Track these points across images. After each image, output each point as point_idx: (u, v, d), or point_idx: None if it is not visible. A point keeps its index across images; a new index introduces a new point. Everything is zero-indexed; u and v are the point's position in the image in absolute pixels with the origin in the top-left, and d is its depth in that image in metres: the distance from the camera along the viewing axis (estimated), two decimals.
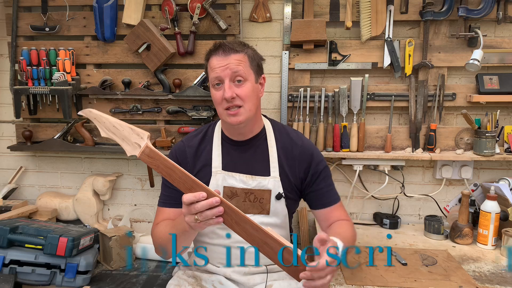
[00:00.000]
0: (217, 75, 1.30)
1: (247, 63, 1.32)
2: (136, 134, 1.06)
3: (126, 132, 1.06)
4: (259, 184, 1.38)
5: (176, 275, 1.47)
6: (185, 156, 1.43)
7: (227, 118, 1.32)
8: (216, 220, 1.06)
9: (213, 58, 1.32)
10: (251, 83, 1.33)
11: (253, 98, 1.33)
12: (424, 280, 1.40)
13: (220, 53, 1.30)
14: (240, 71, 1.29)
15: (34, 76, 1.98)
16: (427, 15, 1.86)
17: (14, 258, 1.66)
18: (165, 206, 1.42)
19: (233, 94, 1.28)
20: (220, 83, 1.31)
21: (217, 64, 1.30)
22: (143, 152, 1.05)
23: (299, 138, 1.47)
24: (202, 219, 1.05)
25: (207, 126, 1.50)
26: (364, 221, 2.07)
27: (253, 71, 1.34)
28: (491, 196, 1.72)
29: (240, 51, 1.32)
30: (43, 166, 2.26)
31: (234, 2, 1.97)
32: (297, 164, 1.42)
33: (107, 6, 1.96)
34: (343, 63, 1.96)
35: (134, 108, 2.05)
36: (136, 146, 1.06)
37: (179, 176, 1.05)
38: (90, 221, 2.14)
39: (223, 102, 1.30)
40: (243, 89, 1.30)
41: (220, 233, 1.40)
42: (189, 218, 1.08)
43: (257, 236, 1.07)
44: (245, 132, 1.40)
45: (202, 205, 1.04)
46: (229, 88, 1.28)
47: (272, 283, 1.39)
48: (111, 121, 1.05)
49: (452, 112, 2.02)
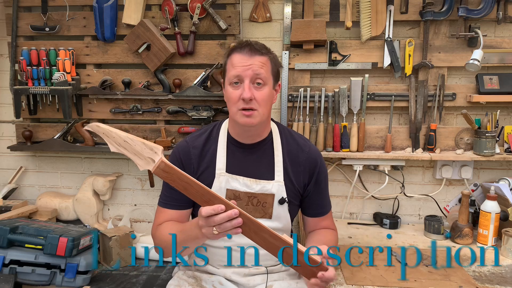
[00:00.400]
0: (237, 74, 1.27)
1: (269, 67, 1.31)
2: (150, 148, 1.04)
3: (138, 147, 1.04)
4: (263, 188, 1.37)
5: (176, 275, 1.47)
6: (189, 157, 1.40)
7: (241, 118, 1.29)
8: (235, 231, 1.06)
9: (236, 55, 1.29)
10: (269, 88, 1.31)
11: (268, 103, 1.32)
12: (424, 280, 1.40)
13: (246, 52, 1.28)
14: (261, 74, 1.27)
15: (34, 76, 1.98)
16: (427, 15, 1.86)
17: (14, 258, 1.65)
18: (167, 207, 1.40)
19: (252, 95, 1.26)
20: (238, 82, 1.28)
21: (240, 62, 1.27)
22: (158, 167, 1.04)
23: (306, 144, 1.46)
24: (221, 231, 1.05)
25: (211, 126, 1.47)
26: (364, 221, 2.07)
27: (272, 77, 1.33)
28: (491, 196, 1.72)
29: (264, 54, 1.30)
30: (43, 166, 2.26)
31: (234, 2, 1.97)
32: (302, 170, 1.42)
33: (107, 6, 1.96)
34: (343, 63, 1.96)
35: (134, 108, 2.05)
36: (149, 161, 1.04)
37: (196, 190, 1.05)
38: (90, 221, 2.14)
39: (240, 102, 1.27)
40: (261, 93, 1.28)
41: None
42: (207, 230, 1.07)
43: (275, 244, 1.08)
44: (253, 136, 1.39)
45: (221, 217, 1.03)
46: (249, 89, 1.26)
47: (272, 284, 1.39)
48: (122, 136, 1.03)
49: (452, 112, 2.02)
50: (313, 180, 1.44)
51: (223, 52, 1.99)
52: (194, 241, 1.21)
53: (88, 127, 1.05)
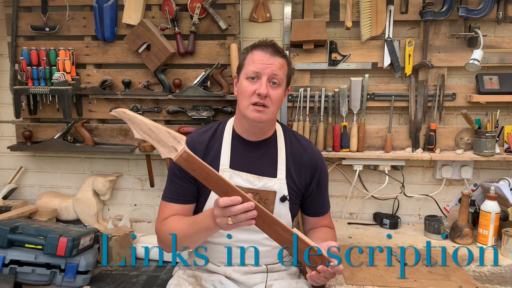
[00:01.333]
0: (257, 69, 1.32)
1: (285, 70, 1.37)
2: (173, 138, 1.06)
3: (162, 136, 1.05)
4: (265, 185, 1.39)
5: (176, 275, 1.47)
6: (194, 151, 1.39)
7: (251, 113, 1.32)
8: (249, 223, 1.10)
9: (258, 52, 1.34)
10: (282, 89, 1.37)
11: (279, 104, 1.38)
12: (424, 280, 1.40)
13: (269, 50, 1.33)
14: (278, 76, 1.33)
15: (34, 76, 1.98)
16: (427, 15, 1.86)
17: (14, 258, 1.65)
18: (171, 202, 1.41)
19: (267, 92, 1.31)
20: (255, 78, 1.33)
21: (261, 59, 1.32)
22: (180, 156, 1.06)
23: (309, 146, 1.50)
24: (236, 222, 1.09)
25: (217, 123, 1.51)
26: (364, 221, 2.07)
27: (286, 80, 1.39)
28: (491, 196, 1.72)
29: (284, 57, 1.37)
30: (43, 166, 2.26)
31: (234, 2, 1.97)
32: (304, 170, 1.45)
33: (107, 6, 1.96)
34: (343, 63, 1.96)
35: (134, 108, 2.05)
36: (172, 150, 1.06)
37: (215, 180, 1.08)
38: (90, 221, 2.13)
39: (254, 96, 1.31)
40: (275, 92, 1.33)
41: (221, 231, 1.40)
42: (222, 220, 1.11)
43: (287, 237, 1.12)
44: (259, 133, 1.42)
45: (237, 208, 1.07)
46: (266, 86, 1.31)
47: (272, 283, 1.40)
48: (147, 123, 1.05)
49: (452, 112, 2.02)
50: (315, 181, 1.47)
51: (223, 52, 1.99)
52: (205, 232, 1.24)
53: (115, 112, 1.05)
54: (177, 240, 1.31)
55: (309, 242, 1.13)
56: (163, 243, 1.39)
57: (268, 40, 1.38)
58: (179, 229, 1.30)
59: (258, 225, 1.11)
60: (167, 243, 1.35)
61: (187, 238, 1.29)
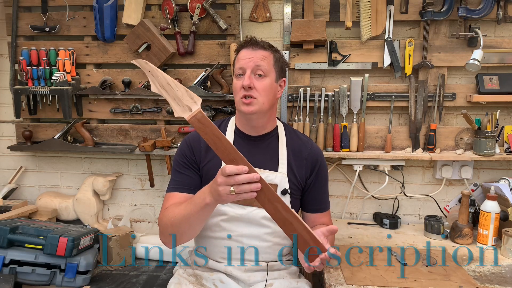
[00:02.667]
0: (241, 66, 1.37)
1: (271, 61, 1.39)
2: (190, 97, 1.06)
3: (179, 93, 1.06)
4: (267, 178, 1.40)
5: (176, 274, 1.48)
6: (199, 144, 1.45)
7: (241, 107, 1.36)
8: (251, 195, 1.09)
9: (242, 51, 1.40)
10: (271, 80, 1.39)
11: (269, 94, 1.39)
12: (424, 280, 1.40)
13: (249, 46, 1.39)
14: (262, 66, 1.36)
15: (34, 76, 1.98)
16: (427, 15, 1.86)
17: (14, 258, 1.65)
18: (177, 191, 1.41)
19: (251, 84, 1.34)
20: (242, 74, 1.37)
21: (244, 56, 1.38)
22: (194, 116, 1.07)
23: (309, 142, 1.53)
24: (238, 192, 1.08)
25: (220, 121, 1.55)
26: (364, 221, 2.07)
27: (275, 71, 1.41)
28: (491, 196, 1.72)
29: (267, 49, 1.40)
30: (43, 166, 2.26)
31: (234, 2, 1.97)
32: (304, 164, 1.47)
33: (107, 6, 1.96)
34: (343, 63, 1.96)
35: (134, 108, 2.05)
36: (186, 109, 1.06)
37: (224, 146, 1.09)
38: (90, 221, 2.14)
39: (241, 90, 1.35)
40: (261, 83, 1.36)
41: (223, 226, 1.41)
42: (225, 188, 1.09)
43: (285, 215, 1.12)
44: (257, 126, 1.44)
45: (242, 178, 1.07)
46: (249, 77, 1.35)
47: (272, 282, 1.40)
48: (166, 78, 1.05)
49: (452, 112, 2.02)
50: (314, 175, 1.48)
51: (223, 52, 1.99)
52: (203, 209, 1.20)
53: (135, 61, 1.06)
54: (176, 227, 1.28)
55: (306, 225, 1.14)
56: (163, 235, 1.35)
57: (251, 37, 1.43)
58: (177, 213, 1.27)
59: (259, 199, 1.10)
60: (166, 233, 1.32)
61: (185, 221, 1.25)
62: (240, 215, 1.40)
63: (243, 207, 1.40)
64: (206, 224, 1.45)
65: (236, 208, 1.40)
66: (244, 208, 1.40)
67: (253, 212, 1.39)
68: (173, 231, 1.30)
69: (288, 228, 1.13)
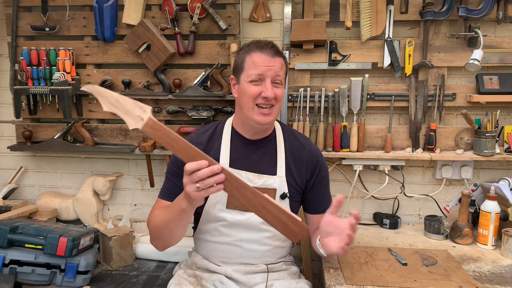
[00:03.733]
0: (260, 73, 1.33)
1: (284, 69, 1.40)
2: (139, 107, 1.08)
3: (129, 106, 1.07)
4: (265, 183, 1.39)
5: (176, 274, 1.48)
6: None
7: (257, 116, 1.34)
8: (217, 188, 1.09)
9: (257, 55, 1.35)
10: (283, 87, 1.40)
11: (281, 102, 1.41)
12: (424, 280, 1.40)
13: (269, 52, 1.35)
14: (281, 76, 1.36)
15: (34, 76, 1.98)
16: (427, 15, 1.86)
17: (14, 258, 1.65)
18: (164, 199, 1.44)
19: (274, 94, 1.33)
20: (259, 80, 1.34)
21: (263, 62, 1.34)
22: (146, 124, 1.07)
23: (307, 142, 1.52)
24: (204, 187, 1.08)
25: (216, 124, 1.52)
26: (364, 221, 2.07)
27: (285, 78, 1.42)
28: (491, 196, 1.72)
29: (283, 56, 1.40)
30: (43, 166, 2.26)
31: (234, 2, 1.97)
32: (304, 166, 1.46)
33: (107, 6, 1.96)
34: (343, 63, 1.96)
35: None
36: (138, 119, 1.08)
37: (181, 146, 1.09)
38: (90, 221, 2.14)
39: (259, 98, 1.33)
40: (279, 91, 1.36)
41: (223, 230, 1.41)
42: (191, 187, 1.09)
43: (256, 201, 1.12)
44: (261, 132, 1.44)
45: (204, 172, 1.07)
46: (272, 88, 1.33)
47: (272, 283, 1.40)
48: (114, 96, 1.07)
49: (452, 112, 2.02)
50: (314, 176, 1.48)
51: (223, 52, 1.99)
52: (179, 213, 1.22)
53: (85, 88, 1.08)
54: (159, 233, 1.33)
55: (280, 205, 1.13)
56: (151, 238, 1.41)
57: (267, 41, 1.39)
58: (159, 219, 1.32)
59: (227, 189, 1.11)
60: (153, 234, 1.39)
61: (165, 227, 1.30)
62: (239, 221, 1.39)
63: (242, 213, 1.40)
64: (205, 229, 1.44)
65: (235, 214, 1.40)
66: (243, 214, 1.40)
67: (252, 217, 1.39)
68: (157, 237, 1.36)
69: (264, 213, 1.13)
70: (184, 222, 1.28)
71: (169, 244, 1.38)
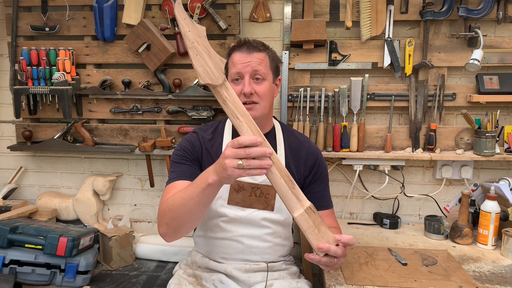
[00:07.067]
0: (238, 71, 1.34)
1: (267, 63, 1.38)
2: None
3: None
4: (266, 180, 1.39)
5: (176, 274, 1.48)
6: (200, 143, 1.43)
7: None
8: (259, 172, 1.02)
9: (236, 54, 1.37)
10: (269, 82, 1.38)
11: (269, 97, 1.39)
12: (424, 280, 1.40)
13: (244, 50, 1.35)
14: (260, 70, 1.35)
15: (34, 76, 1.98)
16: (427, 15, 1.86)
17: (14, 258, 1.66)
18: (179, 179, 1.32)
19: (252, 90, 1.33)
20: (239, 79, 1.35)
21: (240, 60, 1.35)
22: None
23: (306, 141, 1.53)
24: (246, 167, 0.99)
25: (217, 123, 1.53)
26: (364, 221, 2.07)
27: (271, 71, 1.40)
28: (491, 196, 1.72)
29: (262, 50, 1.38)
30: (43, 166, 2.26)
31: (234, 2, 1.97)
32: (303, 163, 1.47)
33: (107, 6, 1.96)
34: (343, 63, 1.96)
35: (134, 108, 2.05)
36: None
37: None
38: (90, 221, 2.14)
39: (241, 96, 1.33)
40: (261, 87, 1.35)
41: (223, 226, 1.41)
42: (231, 162, 1.00)
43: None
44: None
45: (255, 150, 0.99)
46: (249, 84, 1.33)
47: (272, 282, 1.40)
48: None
49: (452, 112, 2.02)
50: (313, 173, 1.47)
51: (223, 52, 1.99)
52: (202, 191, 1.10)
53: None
54: (174, 212, 1.17)
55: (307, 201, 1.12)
56: (161, 225, 1.24)
57: (242, 39, 1.41)
58: (177, 197, 1.18)
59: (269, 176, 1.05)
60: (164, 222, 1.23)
61: (183, 205, 1.14)
62: (240, 217, 1.39)
63: (243, 209, 1.40)
64: (206, 225, 1.44)
65: (235, 210, 1.40)
66: (244, 210, 1.40)
67: (253, 213, 1.39)
68: (171, 218, 1.19)
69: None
70: (206, 201, 1.14)
71: (180, 230, 1.21)
